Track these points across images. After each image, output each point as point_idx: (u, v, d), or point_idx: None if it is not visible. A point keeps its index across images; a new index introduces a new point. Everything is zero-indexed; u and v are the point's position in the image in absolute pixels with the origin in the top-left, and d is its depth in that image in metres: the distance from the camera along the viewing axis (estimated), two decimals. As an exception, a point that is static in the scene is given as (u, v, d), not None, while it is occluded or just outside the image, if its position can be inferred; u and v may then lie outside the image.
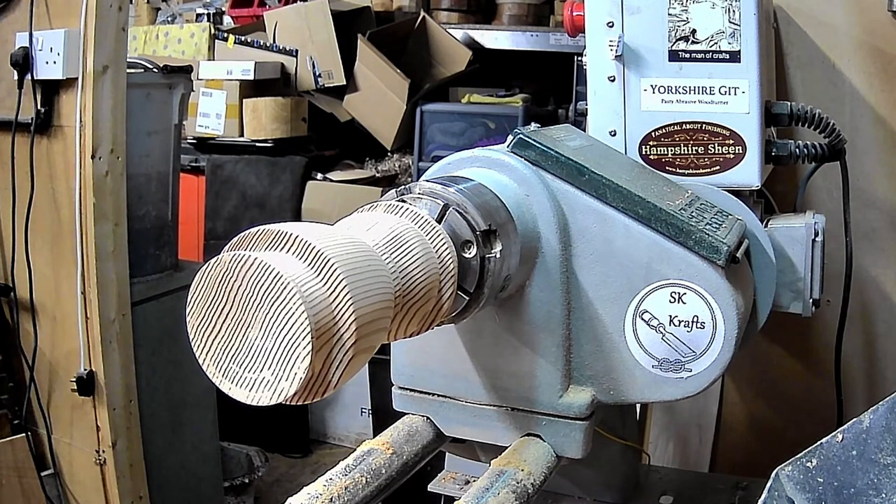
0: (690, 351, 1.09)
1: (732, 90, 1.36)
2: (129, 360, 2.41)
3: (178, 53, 4.24)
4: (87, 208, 2.28)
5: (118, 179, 2.34)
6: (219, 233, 3.76)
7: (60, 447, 2.49)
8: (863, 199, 1.85)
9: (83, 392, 2.33)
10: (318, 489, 1.01)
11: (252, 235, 0.79)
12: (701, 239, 1.08)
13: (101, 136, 2.27)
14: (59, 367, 2.43)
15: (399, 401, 1.22)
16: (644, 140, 1.40)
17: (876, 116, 1.85)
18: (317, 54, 3.99)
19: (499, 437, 1.17)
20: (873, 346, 1.95)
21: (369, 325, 0.78)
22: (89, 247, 2.29)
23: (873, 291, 1.92)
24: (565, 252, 1.11)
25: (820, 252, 1.37)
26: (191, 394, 2.68)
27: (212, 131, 3.87)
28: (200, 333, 0.77)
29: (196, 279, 0.77)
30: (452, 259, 0.94)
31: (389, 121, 3.93)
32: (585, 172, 1.12)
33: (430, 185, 1.00)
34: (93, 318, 2.32)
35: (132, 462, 2.43)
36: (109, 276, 2.33)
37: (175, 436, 2.65)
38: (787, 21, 1.87)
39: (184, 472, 2.71)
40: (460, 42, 4.05)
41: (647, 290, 1.10)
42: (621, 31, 1.37)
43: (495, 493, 1.01)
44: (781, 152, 1.46)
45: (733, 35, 1.35)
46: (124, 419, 2.39)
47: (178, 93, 2.58)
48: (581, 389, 1.14)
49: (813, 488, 0.94)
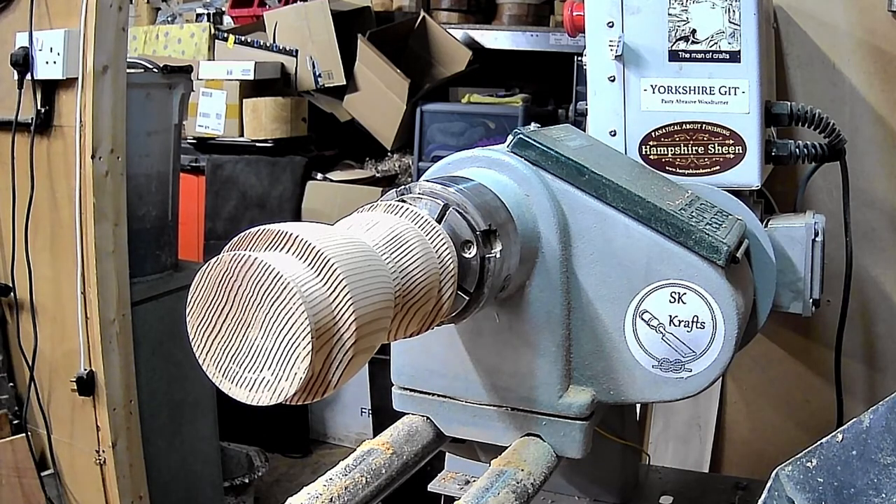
0: (690, 351, 1.09)
1: (732, 90, 1.36)
2: (129, 360, 2.41)
3: (178, 53, 4.24)
4: (87, 208, 2.28)
5: (118, 179, 2.34)
6: (219, 233, 3.76)
7: (60, 447, 2.49)
8: (863, 199, 1.85)
9: (83, 392, 2.33)
10: (318, 489, 1.01)
11: (252, 235, 0.79)
12: (701, 239, 1.08)
13: (101, 136, 2.27)
14: (59, 367, 2.43)
15: (399, 401, 1.22)
16: (644, 140, 1.40)
17: (876, 116, 1.85)
18: (317, 54, 3.99)
19: (499, 437, 1.17)
20: (873, 346, 1.95)
21: (369, 325, 0.78)
22: (89, 247, 2.29)
23: (873, 291, 1.92)
24: (565, 252, 1.11)
25: (820, 252, 1.37)
26: (191, 394, 2.67)
27: (212, 131, 3.87)
28: (200, 333, 0.77)
29: (196, 279, 0.77)
30: (452, 259, 0.94)
31: (389, 121, 3.93)
32: (585, 172, 1.12)
33: (430, 185, 1.00)
34: (93, 318, 2.32)
35: (132, 462, 2.43)
36: (109, 276, 2.33)
37: (175, 436, 2.65)
38: (787, 21, 1.87)
39: (184, 472, 2.70)
40: (460, 42, 4.05)
41: (647, 290, 1.10)
42: (621, 31, 1.37)
43: (495, 493, 1.01)
44: (781, 152, 1.46)
45: (733, 35, 1.35)
46: (124, 419, 2.39)
47: (178, 93, 2.58)
48: (581, 389, 1.14)
49: (813, 488, 0.94)
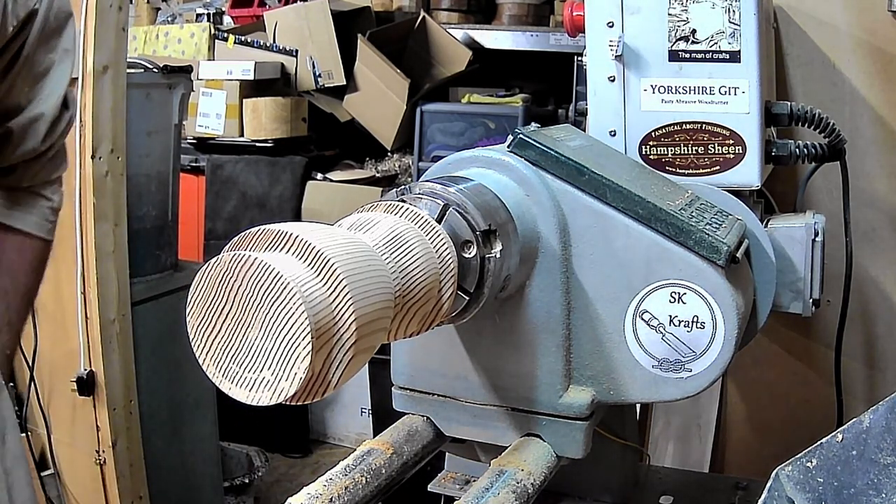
0: (690, 351, 1.09)
1: (732, 90, 1.36)
2: (129, 360, 2.41)
3: (178, 53, 4.24)
4: (87, 208, 2.28)
5: (118, 179, 2.34)
6: (219, 233, 3.76)
7: (60, 447, 2.49)
8: (863, 199, 1.85)
9: (83, 392, 2.33)
10: (318, 489, 1.01)
11: (252, 235, 0.79)
12: (701, 239, 1.08)
13: (101, 136, 2.27)
14: (59, 367, 2.43)
15: (399, 401, 1.22)
16: (644, 140, 1.40)
17: (876, 116, 1.85)
18: (317, 54, 3.99)
19: (499, 437, 1.17)
20: (873, 346, 1.95)
21: (369, 325, 0.79)
22: (89, 247, 2.29)
23: (873, 291, 1.92)
24: (565, 252, 1.11)
25: (820, 252, 1.37)
26: (191, 394, 2.67)
27: (212, 131, 3.86)
28: (200, 333, 0.77)
29: (196, 279, 0.77)
30: (452, 259, 0.94)
31: (389, 121, 3.93)
32: (585, 172, 1.12)
33: (430, 185, 1.00)
34: (93, 318, 2.31)
35: (132, 462, 2.43)
36: (109, 276, 2.33)
37: (175, 436, 2.65)
38: (787, 21, 1.87)
39: (184, 472, 2.70)
40: (460, 42, 4.05)
41: (647, 290, 1.10)
42: (621, 31, 1.37)
43: (495, 493, 1.01)
44: (781, 152, 1.46)
45: (733, 35, 1.35)
46: (124, 419, 2.39)
47: (178, 93, 2.58)
48: (581, 389, 1.14)
49: (813, 488, 0.94)
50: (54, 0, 1.20)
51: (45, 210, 1.41)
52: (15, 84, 1.21)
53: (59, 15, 1.22)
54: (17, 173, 1.33)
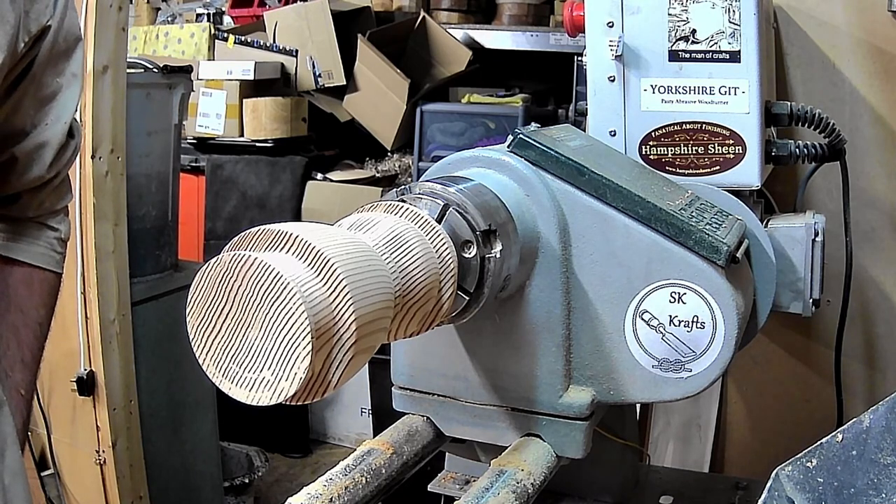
0: (690, 351, 1.09)
1: (732, 90, 1.36)
2: (129, 360, 2.41)
3: (178, 53, 4.24)
4: (87, 208, 2.27)
5: (118, 179, 2.33)
6: (219, 233, 3.76)
7: (60, 447, 2.48)
8: (863, 199, 1.85)
9: (83, 392, 2.33)
10: (318, 489, 1.01)
11: (252, 235, 0.79)
12: (701, 239, 1.08)
13: (101, 136, 2.26)
14: (59, 367, 2.43)
15: (399, 401, 1.22)
16: (644, 140, 1.40)
17: (876, 116, 1.85)
18: (317, 54, 3.99)
19: (499, 437, 1.17)
20: (873, 346, 1.95)
21: (369, 325, 0.79)
22: (89, 247, 2.29)
23: (873, 291, 1.92)
24: (565, 252, 1.11)
25: (820, 252, 1.37)
26: (191, 394, 2.67)
27: (212, 131, 3.86)
28: (200, 333, 0.77)
29: (196, 279, 0.77)
30: (452, 259, 0.94)
31: (389, 121, 3.92)
32: (585, 172, 1.12)
33: (430, 185, 1.00)
34: (93, 318, 2.31)
35: (132, 462, 2.43)
36: (109, 276, 2.33)
37: (175, 436, 2.65)
38: (787, 21, 1.87)
39: (184, 472, 2.70)
40: (460, 42, 4.04)
41: (647, 290, 1.10)
42: (621, 31, 1.37)
43: (495, 493, 1.01)
44: (781, 152, 1.46)
45: (733, 35, 1.35)
46: (124, 419, 2.39)
47: (178, 93, 2.57)
48: (581, 389, 1.14)
49: (813, 488, 0.94)
50: (65, 19, 1.18)
51: (52, 241, 1.38)
52: (21, 105, 1.19)
53: (68, 37, 1.20)
54: (22, 202, 1.30)
